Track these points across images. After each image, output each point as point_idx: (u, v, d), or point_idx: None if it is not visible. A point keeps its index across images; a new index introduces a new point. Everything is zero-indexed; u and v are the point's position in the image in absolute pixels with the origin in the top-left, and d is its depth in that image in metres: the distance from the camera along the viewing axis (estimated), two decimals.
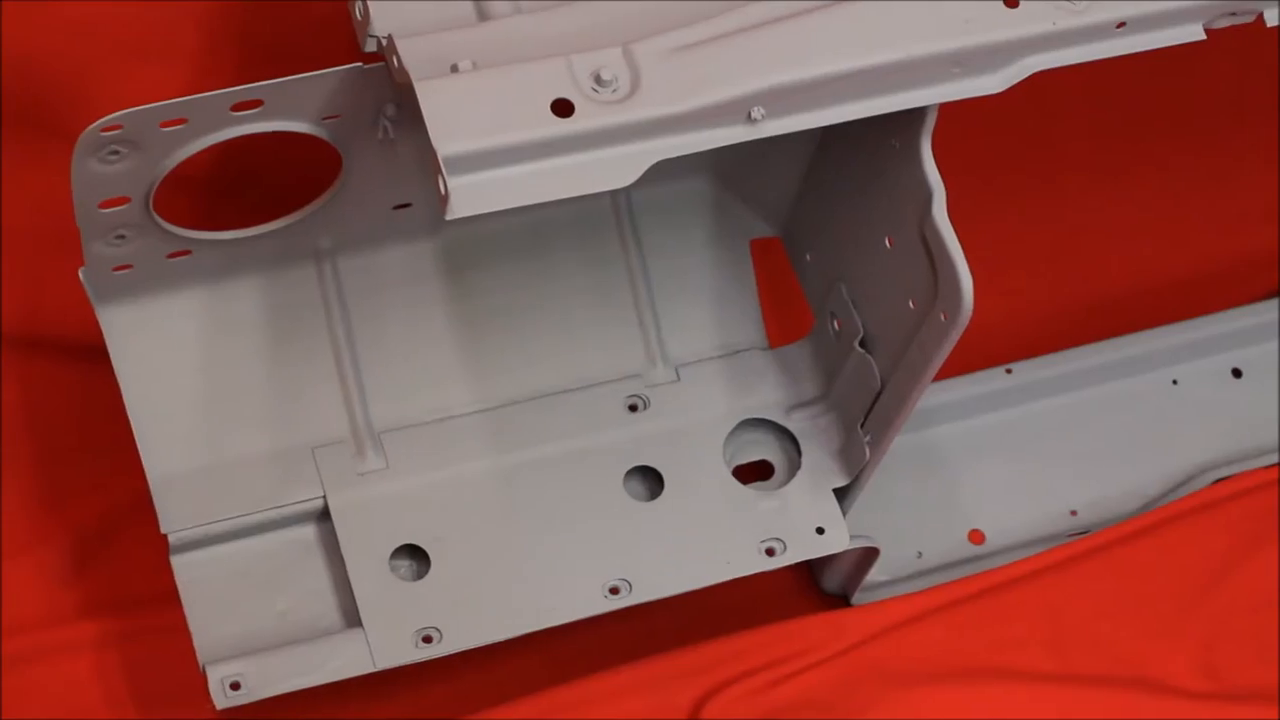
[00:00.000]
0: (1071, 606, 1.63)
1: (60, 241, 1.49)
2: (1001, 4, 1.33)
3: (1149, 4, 1.34)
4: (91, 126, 1.29)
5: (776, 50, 1.29)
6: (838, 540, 1.54)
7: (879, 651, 1.59)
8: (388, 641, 1.47)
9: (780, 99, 1.29)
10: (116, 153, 1.32)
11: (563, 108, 1.25)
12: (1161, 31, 1.36)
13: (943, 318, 1.37)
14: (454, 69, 1.27)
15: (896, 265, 1.44)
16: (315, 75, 1.33)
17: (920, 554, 1.67)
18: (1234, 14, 1.37)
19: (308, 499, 1.51)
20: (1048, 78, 1.36)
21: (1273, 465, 1.73)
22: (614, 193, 1.58)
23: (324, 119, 1.37)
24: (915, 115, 1.37)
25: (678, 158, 1.29)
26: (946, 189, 1.37)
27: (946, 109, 1.37)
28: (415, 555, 1.51)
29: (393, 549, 1.50)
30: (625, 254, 1.59)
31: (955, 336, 1.37)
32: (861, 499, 1.56)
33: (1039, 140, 1.84)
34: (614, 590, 1.51)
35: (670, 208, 1.59)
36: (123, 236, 1.40)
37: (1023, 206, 1.85)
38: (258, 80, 1.33)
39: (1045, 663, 1.61)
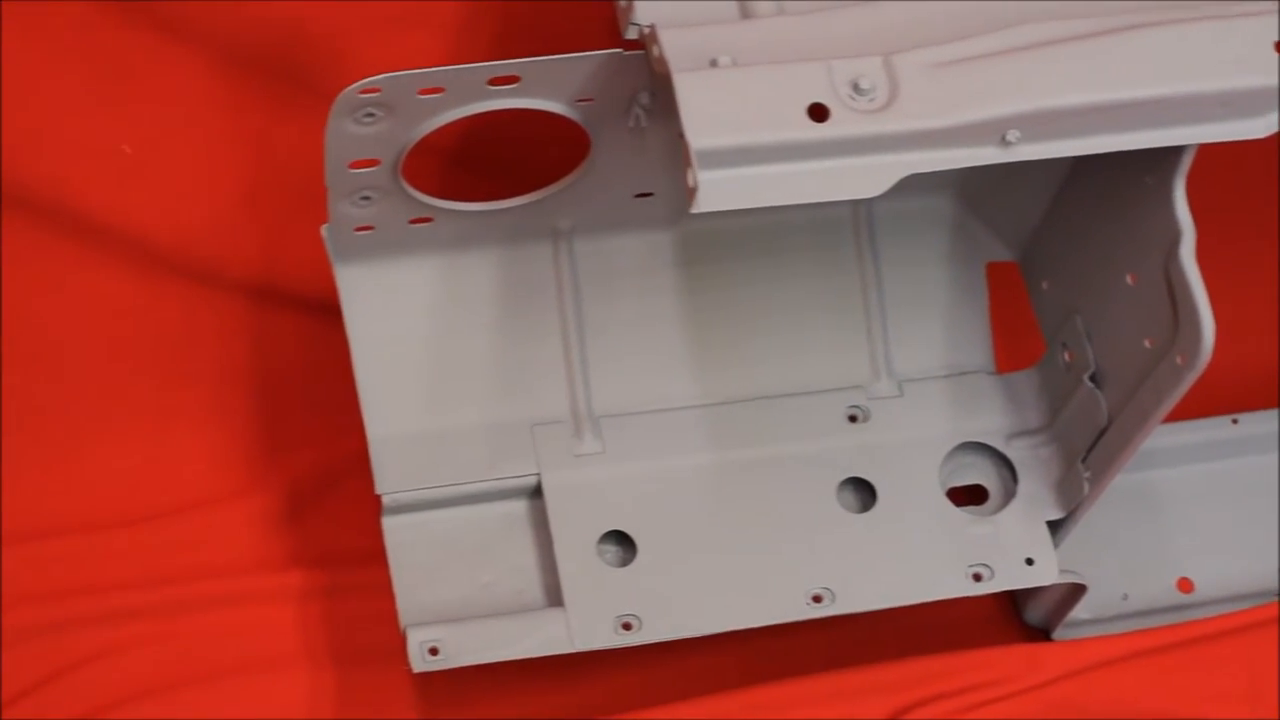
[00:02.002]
0: (1277, 666, 1.60)
1: (305, 197, 1.51)
2: (1273, 48, 1.31)
3: None
4: (351, 87, 1.31)
5: (1039, 75, 1.28)
6: (1046, 573, 1.53)
7: (1076, 690, 1.57)
8: (587, 624, 1.47)
9: (1037, 124, 1.28)
10: (372, 115, 1.33)
11: (818, 112, 1.25)
12: None
13: (1179, 361, 1.35)
14: (713, 64, 1.27)
15: (1136, 302, 1.42)
16: (575, 57, 1.34)
17: (1126, 596, 1.64)
18: None
19: (522, 475, 1.52)
20: None
21: None
22: (855, 202, 1.57)
23: (578, 101, 1.38)
24: (1172, 153, 1.35)
25: (923, 173, 1.28)
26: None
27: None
28: (622, 542, 1.52)
29: (601, 533, 1.51)
30: (860, 264, 1.58)
31: (1190, 381, 1.35)
32: (1072, 534, 1.55)
33: None
34: (816, 598, 1.50)
35: (910, 222, 1.59)
36: (368, 198, 1.42)
37: (1261, 252, 1.82)
38: (510, 57, 1.34)
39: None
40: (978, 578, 1.52)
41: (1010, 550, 1.53)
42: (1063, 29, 1.30)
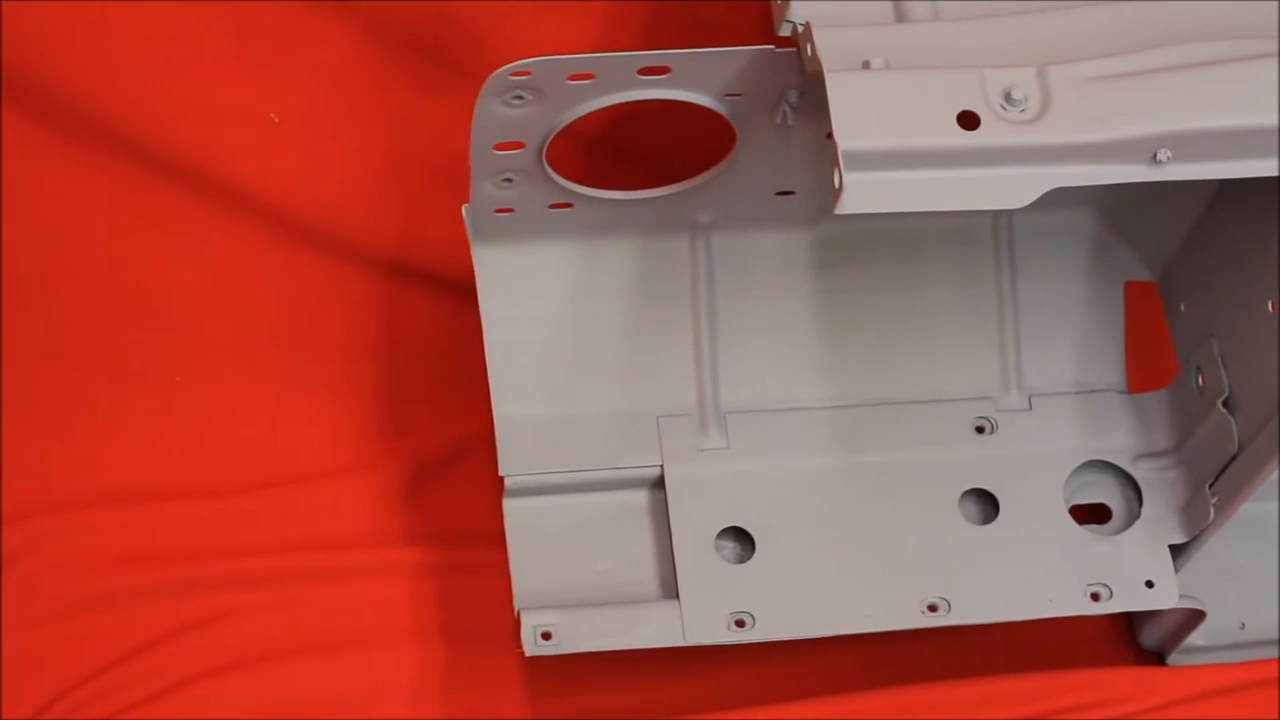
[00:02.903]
0: None
1: (446, 176, 1.52)
2: None
3: None
4: (501, 69, 1.31)
5: (1194, 94, 1.26)
6: (1166, 597, 1.52)
7: (1189, 716, 1.56)
8: (701, 619, 1.47)
9: (1190, 144, 1.27)
10: (521, 98, 1.34)
11: (969, 120, 1.24)
12: None
13: None
14: (865, 65, 1.26)
15: (1276, 330, 1.41)
16: (726, 51, 1.34)
17: (1243, 625, 1.63)
18: None
19: (645, 465, 1.52)
20: None
21: None
22: (996, 213, 1.56)
23: (726, 95, 1.38)
24: None
25: (1068, 188, 1.27)
26: None
27: None
28: (740, 539, 1.52)
29: (720, 529, 1.51)
30: (997, 275, 1.57)
31: None
32: (1193, 560, 1.54)
33: None
34: (932, 608, 1.49)
35: (1050, 235, 1.58)
36: (510, 180, 1.43)
37: None
38: (658, 48, 1.34)
39: None
40: (1096, 597, 1.51)
41: (1130, 572, 1.52)
42: (1220, 49, 1.29)
